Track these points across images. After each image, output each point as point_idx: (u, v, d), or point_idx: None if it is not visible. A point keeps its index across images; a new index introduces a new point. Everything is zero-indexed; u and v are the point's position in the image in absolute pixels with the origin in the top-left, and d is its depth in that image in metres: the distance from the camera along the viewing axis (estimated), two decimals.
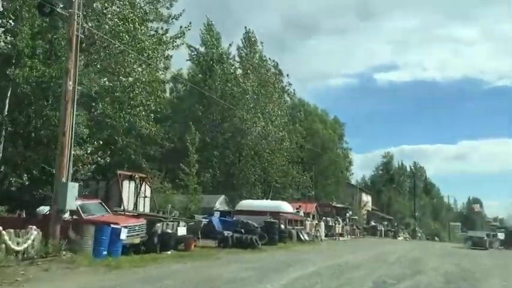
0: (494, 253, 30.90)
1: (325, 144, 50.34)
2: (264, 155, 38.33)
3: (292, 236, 25.71)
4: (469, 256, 25.12)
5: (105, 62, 22.26)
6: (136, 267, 11.82)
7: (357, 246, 28.16)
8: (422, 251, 28.14)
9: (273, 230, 23.62)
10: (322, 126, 53.07)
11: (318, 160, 49.16)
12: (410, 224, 61.36)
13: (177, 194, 30.67)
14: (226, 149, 38.68)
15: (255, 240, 20.45)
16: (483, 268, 17.79)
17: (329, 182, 49.60)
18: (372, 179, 75.47)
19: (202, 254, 16.19)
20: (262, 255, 17.61)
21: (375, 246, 29.89)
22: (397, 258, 20.14)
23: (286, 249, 21.59)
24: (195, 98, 39.13)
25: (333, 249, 23.77)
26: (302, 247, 23.75)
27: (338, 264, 15.52)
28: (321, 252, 21.22)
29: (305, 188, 43.15)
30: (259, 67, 39.13)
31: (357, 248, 25.79)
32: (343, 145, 63.52)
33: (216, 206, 31.71)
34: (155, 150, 34.71)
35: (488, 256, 26.29)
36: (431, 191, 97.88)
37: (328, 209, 41.49)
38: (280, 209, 28.06)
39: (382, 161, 76.55)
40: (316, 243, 28.01)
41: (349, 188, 54.78)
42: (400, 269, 15.41)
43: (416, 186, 74.26)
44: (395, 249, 27.18)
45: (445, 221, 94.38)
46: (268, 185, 40.24)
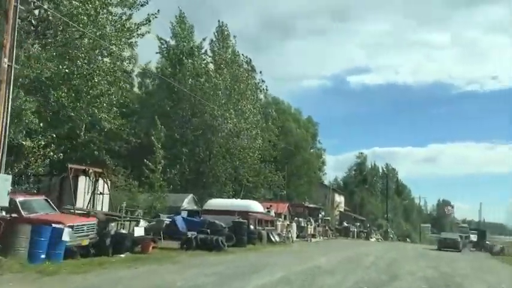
0: (468, 255, 30.05)
1: (298, 143, 49.03)
2: (235, 153, 36.73)
3: (262, 237, 24.16)
4: (444, 259, 24.04)
5: (62, 47, 20.34)
6: (76, 274, 10.07)
7: (329, 247, 26.83)
8: (397, 253, 26.99)
9: (242, 230, 22.04)
10: (296, 125, 51.73)
11: (290, 159, 47.83)
12: (382, 225, 60.56)
13: (143, 192, 28.89)
14: (196, 146, 36.92)
15: (221, 241, 18.79)
16: (463, 273, 16.58)
17: (302, 182, 48.26)
18: (344, 180, 74.55)
19: (160, 257, 14.48)
20: (227, 258, 16.00)
21: (347, 247, 28.62)
22: (372, 261, 18.82)
23: (254, 251, 20.03)
24: (164, 92, 37.31)
25: (305, 251, 22.32)
26: (272, 249, 22.23)
27: (310, 269, 14.04)
28: (292, 255, 19.73)
29: (277, 188, 41.75)
30: (231, 62, 37.44)
31: (329, 250, 24.43)
32: (317, 145, 62.52)
33: (183, 205, 30.03)
34: (120, 146, 32.80)
35: (463, 259, 25.31)
36: (403, 192, 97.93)
37: (301, 210, 40.12)
38: (250, 208, 26.47)
39: (355, 162, 75.89)
40: (288, 244, 26.54)
41: (322, 188, 53.56)
42: (376, 274, 14.03)
43: (389, 187, 73.91)
44: (369, 251, 25.94)
45: (416, 222, 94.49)
46: (240, 184, 38.65)
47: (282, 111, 52.83)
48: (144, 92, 40.96)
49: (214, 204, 27.90)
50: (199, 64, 37.04)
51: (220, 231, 21.25)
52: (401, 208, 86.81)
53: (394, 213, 73.50)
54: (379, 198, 74.08)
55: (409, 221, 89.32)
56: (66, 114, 21.62)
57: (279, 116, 51.10)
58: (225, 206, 27.25)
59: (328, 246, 28.63)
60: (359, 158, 75.96)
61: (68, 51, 20.39)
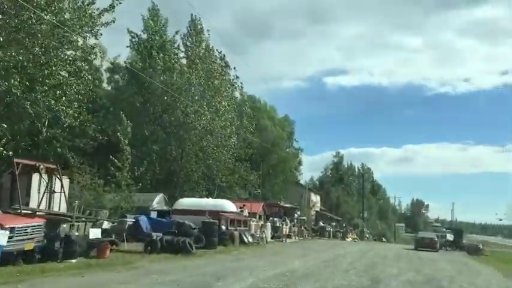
0: (446, 256, 29.07)
1: (274, 141, 47.63)
2: (208, 152, 35.11)
3: (234, 238, 22.63)
4: (424, 260, 22.96)
5: (15, 33, 18.48)
6: (6, 284, 8.37)
7: (305, 248, 25.45)
8: (374, 253, 25.84)
9: (212, 231, 20.48)
10: (271, 123, 50.32)
11: (266, 158, 46.40)
12: (358, 224, 59.63)
13: (109, 191, 27.05)
14: (167, 144, 35.17)
15: (189, 243, 17.21)
16: (447, 275, 15.42)
17: (277, 181, 46.85)
18: (320, 179, 73.44)
19: (116, 262, 12.84)
20: (193, 262, 14.46)
21: (324, 248, 27.34)
22: (350, 263, 17.51)
23: (225, 254, 18.49)
24: (134, 88, 35.42)
25: (279, 253, 20.89)
26: (245, 250, 20.72)
27: (283, 274, 12.60)
28: (265, 257, 18.26)
29: (252, 187, 40.29)
30: (205, 57, 35.76)
31: (305, 251, 23.05)
32: (293, 144, 61.29)
33: (153, 205, 28.28)
34: (86, 143, 30.94)
35: (443, 260, 24.28)
36: (378, 192, 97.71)
37: (276, 209, 38.73)
38: (222, 208, 24.97)
39: (332, 161, 74.89)
40: (261, 245, 25.08)
41: (298, 188, 52.25)
42: (356, 278, 12.71)
43: (364, 187, 73.18)
44: (347, 252, 24.70)
45: (391, 221, 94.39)
46: (213, 184, 37.04)
47: (257, 109, 51.37)
48: (114, 88, 38.90)
49: (184, 203, 26.32)
50: (171, 59, 35.30)
51: (189, 233, 19.73)
52: (377, 208, 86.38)
53: (370, 213, 72.81)
54: (355, 197, 73.26)
55: (384, 220, 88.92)
56: (21, 106, 19.83)
57: (254, 113, 49.70)
58: (196, 205, 25.71)
59: (303, 247, 27.26)
60: (336, 157, 75.14)
61: (22, 37, 18.62)
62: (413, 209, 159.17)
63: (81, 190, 26.40)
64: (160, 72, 34.37)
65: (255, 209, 34.36)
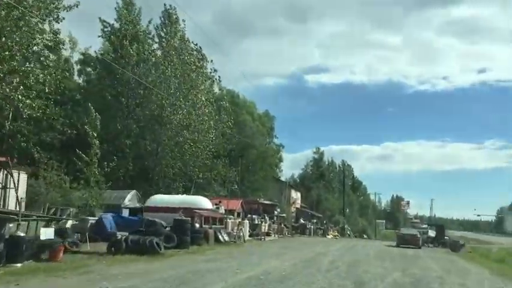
0: (430, 252, 28.02)
1: (254, 136, 46.19)
2: (185, 147, 33.49)
3: (208, 236, 21.16)
4: (408, 258, 21.78)
5: None
6: None
7: (284, 247, 24.08)
8: (356, 251, 24.63)
9: (184, 230, 18.98)
10: (251, 118, 48.85)
11: (245, 154, 44.94)
12: (339, 221, 58.59)
13: (78, 188, 25.31)
14: (141, 139, 33.49)
15: (156, 243, 15.65)
16: (435, 275, 14.18)
17: (256, 178, 45.40)
18: (301, 176, 72.16)
19: (69, 266, 11.26)
20: (158, 265, 12.94)
21: (304, 246, 26.04)
22: (331, 263, 16.17)
23: (197, 254, 17.01)
24: (106, 80, 33.61)
25: (256, 252, 19.47)
26: (219, 250, 19.25)
27: (257, 276, 11.20)
28: (241, 257, 16.82)
29: (230, 183, 38.81)
30: (180, 49, 34.05)
31: (284, 250, 21.67)
32: (274, 140, 60.03)
33: (125, 203, 26.72)
34: (53, 137, 29.13)
35: (428, 257, 23.13)
36: (359, 188, 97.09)
37: (255, 206, 37.30)
38: (196, 205, 23.48)
39: (312, 157, 73.63)
40: (238, 244, 23.62)
41: (278, 184, 50.85)
42: (338, 280, 11.37)
43: (345, 184, 72.23)
44: (328, 250, 23.39)
45: (371, 218, 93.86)
46: (190, 180, 35.45)
47: (236, 104, 49.87)
48: (85, 81, 36.98)
49: (157, 200, 24.75)
50: (146, 50, 33.59)
51: (160, 232, 18.20)
52: (358, 204, 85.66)
53: (351, 210, 71.94)
54: (336, 194, 72.24)
55: (364, 217, 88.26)
56: None
57: (233, 108, 48.24)
58: (169, 202, 24.18)
59: (283, 245, 25.90)
60: (316, 153, 73.93)
61: None
62: (393, 205, 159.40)
63: (47, 187, 24.76)
64: (133, 63, 32.65)
65: (233, 206, 32.92)
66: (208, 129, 34.51)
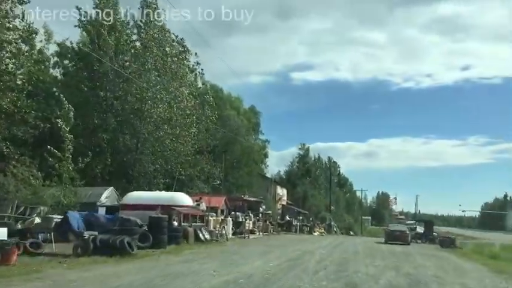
0: (420, 249, 26.90)
1: (239, 132, 44.75)
2: (166, 142, 31.95)
3: (188, 235, 19.77)
4: (399, 255, 20.58)
5: None
6: None
7: (269, 245, 22.76)
8: (345, 249, 23.37)
9: (161, 228, 17.60)
10: (235, 113, 47.40)
11: (229, 149, 43.51)
12: (326, 218, 57.43)
13: (50, 185, 23.68)
14: (120, 133, 31.83)
15: (128, 243, 14.19)
16: (432, 274, 12.99)
17: (241, 174, 43.96)
18: (287, 173, 70.74)
19: (21, 271, 9.78)
20: (125, 268, 11.53)
21: (290, 244, 24.72)
22: (319, 262, 14.90)
23: (173, 254, 15.59)
24: (83, 72, 31.84)
25: (238, 252, 18.09)
26: (198, 249, 17.85)
27: (236, 280, 9.86)
28: (221, 257, 15.46)
29: (213, 180, 37.38)
30: (160, 40, 32.37)
31: (268, 248, 20.34)
32: (259, 136, 58.63)
33: (101, 200, 25.10)
34: (25, 131, 27.36)
35: (419, 254, 21.98)
36: (345, 185, 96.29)
37: (240, 203, 35.90)
38: (175, 201, 21.98)
39: (298, 153, 72.22)
40: (221, 243, 22.26)
41: (264, 181, 49.54)
42: (328, 283, 10.07)
43: (331, 180, 71.01)
44: (314, 248, 22.12)
45: (357, 214, 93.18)
46: (172, 177, 33.92)
47: (221, 99, 48.41)
48: (62, 73, 35.15)
49: (134, 197, 23.20)
50: (124, 40, 31.89)
51: (134, 231, 16.77)
52: (344, 201, 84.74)
53: (337, 206, 70.90)
54: (322, 191, 71.09)
55: (350, 213, 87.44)
56: None
57: (217, 103, 46.80)
58: (146, 199, 22.63)
59: (267, 243, 24.58)
60: (301, 149, 72.58)
61: None
62: (378, 202, 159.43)
63: (16, 184, 23.11)
64: (112, 54, 30.93)
65: (217, 203, 31.51)
66: (191, 123, 33.01)
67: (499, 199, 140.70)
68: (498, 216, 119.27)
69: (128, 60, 32.18)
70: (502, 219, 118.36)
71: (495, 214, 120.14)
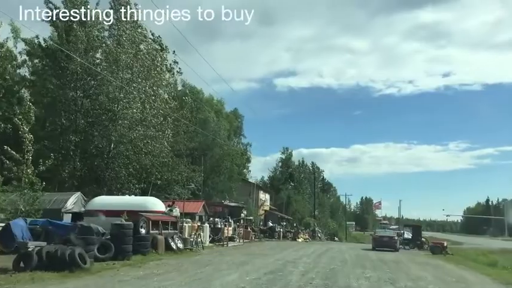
0: (410, 256, 25.10)
1: (220, 134, 42.62)
2: (139, 145, 29.70)
3: (157, 244, 17.60)
4: (390, 264, 18.70)
5: None
6: None
7: (249, 254, 20.65)
8: (331, 257, 21.35)
9: (125, 237, 15.41)
10: (216, 116, 45.25)
11: (209, 153, 41.35)
12: (310, 223, 55.40)
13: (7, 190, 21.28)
14: (90, 135, 29.51)
15: (79, 255, 11.99)
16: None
17: (222, 178, 41.74)
18: (270, 178, 68.52)
19: None
20: (68, 286, 9.29)
21: (272, 252, 22.67)
22: (303, 275, 12.90)
23: (136, 267, 13.42)
24: (51, 71, 29.47)
25: (213, 262, 15.95)
26: (168, 260, 15.67)
27: None
28: (191, 270, 13.34)
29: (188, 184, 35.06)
30: (133, 36, 30.14)
31: (248, 258, 18.25)
32: (242, 139, 56.60)
33: (66, 207, 22.76)
34: None
35: (411, 262, 20.16)
36: (329, 190, 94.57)
37: (219, 209, 33.80)
38: (144, 207, 19.82)
39: (280, 157, 69.99)
40: (195, 252, 20.09)
41: (246, 186, 47.37)
42: None
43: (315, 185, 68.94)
44: (299, 257, 20.11)
45: (341, 220, 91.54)
46: (148, 182, 31.67)
47: (201, 101, 46.31)
48: (31, 72, 32.70)
49: (99, 203, 20.94)
50: (95, 36, 29.65)
51: (93, 240, 14.55)
52: (328, 206, 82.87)
53: (322, 212, 68.92)
54: (306, 196, 69.01)
55: (334, 218, 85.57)
56: None
57: (197, 105, 44.72)
58: (113, 205, 20.40)
59: (247, 251, 22.46)
60: (284, 153, 70.41)
61: None
62: (362, 207, 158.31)
63: None
64: (82, 51, 28.63)
65: (194, 208, 29.47)
66: (166, 124, 30.85)
67: (481, 203, 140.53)
68: (481, 221, 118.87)
69: (99, 57, 30.02)
70: (486, 223, 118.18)
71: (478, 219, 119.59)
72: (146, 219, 17.65)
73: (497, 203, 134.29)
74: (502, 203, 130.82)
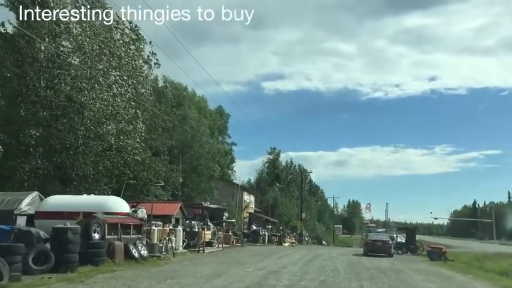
0: (408, 263, 22.31)
1: (201, 132, 39.59)
2: (110, 140, 26.65)
3: (115, 251, 14.58)
4: (388, 273, 15.92)
5: None
6: None
7: (225, 262, 17.72)
8: (321, 265, 18.50)
9: (68, 244, 12.39)
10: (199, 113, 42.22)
11: (190, 151, 38.32)
12: (297, 227, 52.49)
13: None
14: (56, 129, 26.31)
15: None
16: None
17: (203, 179, 38.64)
18: (257, 180, 65.34)
19: None
20: None
21: (253, 260, 19.76)
22: None
23: (75, 283, 10.38)
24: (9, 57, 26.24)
25: (178, 274, 12.98)
26: (122, 273, 12.67)
27: None
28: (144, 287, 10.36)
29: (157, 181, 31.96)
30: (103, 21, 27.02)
31: (223, 267, 15.32)
32: (226, 139, 53.57)
33: (21, 208, 19.61)
34: None
35: (412, 270, 17.41)
36: (317, 193, 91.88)
37: (199, 211, 30.82)
38: (103, 207, 16.74)
39: (267, 157, 66.83)
40: (163, 260, 17.09)
41: (229, 187, 44.28)
42: None
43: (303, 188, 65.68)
44: (283, 265, 17.25)
45: (328, 223, 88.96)
46: (120, 181, 28.61)
47: (183, 98, 43.34)
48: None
49: (52, 203, 17.91)
50: (59, 20, 26.49)
51: (26, 248, 11.56)
52: (316, 209, 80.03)
53: (309, 215, 65.98)
54: (293, 198, 66.00)
55: (321, 222, 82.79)
56: None
57: (179, 101, 41.76)
58: (69, 205, 17.44)
59: (225, 258, 19.52)
60: (271, 153, 67.32)
61: None
62: (350, 210, 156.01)
63: None
64: (43, 36, 25.48)
65: (170, 210, 26.47)
66: (139, 117, 27.85)
67: (467, 206, 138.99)
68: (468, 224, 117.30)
69: (64, 44, 26.92)
70: (473, 226, 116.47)
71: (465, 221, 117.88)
72: (101, 222, 14.62)
73: (484, 206, 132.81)
74: (488, 206, 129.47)
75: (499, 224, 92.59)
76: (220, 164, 45.14)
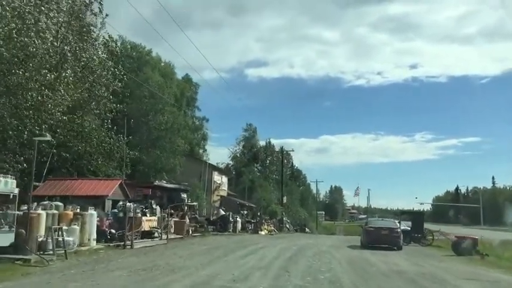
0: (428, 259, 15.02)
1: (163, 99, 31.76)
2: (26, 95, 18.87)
3: None
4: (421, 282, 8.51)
5: None
6: None
7: (149, 268, 10.20)
8: (309, 266, 11.03)
9: None
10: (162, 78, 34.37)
11: (147, 121, 30.56)
12: (277, 212, 45.18)
13: None
14: None
15: None
16: None
17: (164, 155, 30.87)
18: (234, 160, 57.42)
19: None
20: None
21: (204, 260, 12.26)
22: None
23: None
24: None
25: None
26: None
27: None
28: None
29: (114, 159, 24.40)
30: None
31: (132, 284, 7.72)
32: (196, 112, 45.76)
33: None
34: None
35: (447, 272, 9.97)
36: (299, 177, 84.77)
37: (148, 191, 23.22)
38: None
39: (243, 135, 58.64)
40: (38, 266, 9.50)
41: (196, 165, 36.52)
42: None
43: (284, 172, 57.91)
44: (248, 269, 9.79)
45: (311, 209, 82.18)
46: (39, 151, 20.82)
47: (145, 62, 35.41)
48: None
49: None
50: None
51: None
52: (298, 194, 72.82)
53: (291, 199, 58.61)
54: (273, 181, 58.46)
55: (304, 207, 75.72)
56: None
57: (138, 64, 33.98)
58: None
59: (155, 260, 12.01)
60: (247, 130, 59.21)
61: None
62: (332, 196, 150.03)
63: None
64: None
65: (104, 190, 18.89)
66: (63, 63, 20.08)
67: (450, 192, 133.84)
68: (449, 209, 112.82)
69: None
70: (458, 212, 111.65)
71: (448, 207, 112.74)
72: None
73: (467, 191, 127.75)
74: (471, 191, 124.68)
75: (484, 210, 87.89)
76: (188, 139, 37.40)
